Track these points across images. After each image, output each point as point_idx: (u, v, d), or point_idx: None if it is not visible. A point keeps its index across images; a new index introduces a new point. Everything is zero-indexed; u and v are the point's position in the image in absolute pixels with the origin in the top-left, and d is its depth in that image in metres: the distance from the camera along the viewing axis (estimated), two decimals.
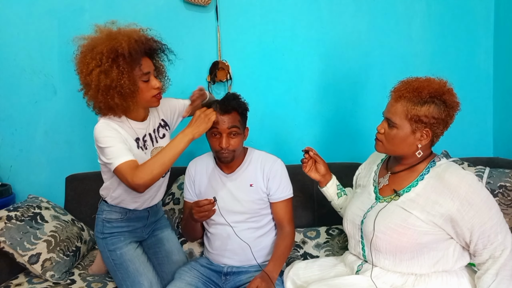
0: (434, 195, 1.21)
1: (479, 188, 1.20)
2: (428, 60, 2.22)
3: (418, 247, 1.22)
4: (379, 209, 1.30)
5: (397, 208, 1.27)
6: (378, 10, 2.17)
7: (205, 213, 1.39)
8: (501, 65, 2.18)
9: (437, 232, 1.21)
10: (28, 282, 1.61)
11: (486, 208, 1.17)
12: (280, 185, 1.59)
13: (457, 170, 1.24)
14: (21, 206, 1.75)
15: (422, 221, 1.21)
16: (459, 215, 1.17)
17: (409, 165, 1.32)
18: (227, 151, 1.50)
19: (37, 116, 2.10)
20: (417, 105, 1.23)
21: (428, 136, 1.25)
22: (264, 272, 1.46)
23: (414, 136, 1.26)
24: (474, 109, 2.25)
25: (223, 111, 1.49)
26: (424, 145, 1.27)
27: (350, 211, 1.43)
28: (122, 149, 1.36)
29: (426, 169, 1.29)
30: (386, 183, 1.37)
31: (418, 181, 1.28)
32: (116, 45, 1.32)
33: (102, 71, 1.32)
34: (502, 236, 1.17)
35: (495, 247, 1.16)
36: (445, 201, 1.19)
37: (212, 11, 2.08)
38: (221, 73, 2.07)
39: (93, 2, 2.05)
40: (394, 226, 1.24)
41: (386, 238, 1.25)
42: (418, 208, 1.23)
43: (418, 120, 1.23)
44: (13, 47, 2.05)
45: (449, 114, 1.25)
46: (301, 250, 1.82)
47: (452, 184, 1.19)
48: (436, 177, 1.24)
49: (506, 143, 2.19)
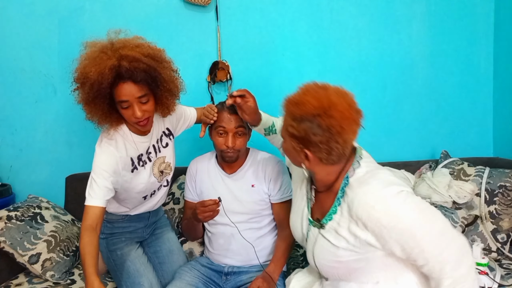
0: (353, 227, 1.06)
1: (401, 211, 1.01)
2: (428, 60, 2.22)
3: (360, 270, 1.11)
4: (313, 242, 1.19)
5: (325, 243, 1.14)
6: (378, 10, 2.16)
7: (209, 213, 1.39)
8: (501, 65, 2.18)
9: (370, 257, 1.08)
10: (28, 282, 1.61)
11: (409, 231, 1.00)
12: (282, 186, 1.59)
13: (366, 196, 1.04)
14: (21, 206, 1.75)
15: (350, 251, 1.08)
16: (382, 242, 1.03)
17: (324, 184, 1.15)
18: (232, 151, 1.51)
19: (37, 116, 2.10)
20: (294, 121, 1.06)
21: (308, 157, 1.08)
22: (266, 272, 1.46)
23: (297, 153, 1.10)
24: (474, 109, 2.26)
25: (231, 111, 1.49)
26: (314, 166, 1.10)
27: (292, 223, 1.32)
28: (100, 191, 1.31)
29: (341, 190, 1.11)
30: (313, 202, 1.24)
31: (336, 206, 1.12)
32: (87, 71, 1.23)
33: (83, 99, 1.29)
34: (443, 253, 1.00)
35: (432, 266, 1.01)
36: (363, 234, 1.05)
37: (212, 11, 2.08)
38: (221, 73, 2.07)
39: (93, 2, 2.04)
40: (328, 263, 1.16)
41: (326, 270, 1.19)
42: (343, 240, 1.09)
43: (294, 138, 1.08)
44: (13, 47, 2.04)
45: (331, 140, 1.03)
46: (301, 250, 1.82)
47: (360, 215, 1.03)
48: (347, 205, 1.08)
49: (506, 143, 2.19)
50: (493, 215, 1.76)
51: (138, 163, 1.45)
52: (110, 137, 1.38)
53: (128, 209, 1.57)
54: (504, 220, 1.75)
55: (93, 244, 1.25)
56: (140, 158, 1.46)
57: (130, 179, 1.44)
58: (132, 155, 1.43)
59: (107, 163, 1.34)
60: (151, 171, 1.50)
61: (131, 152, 1.42)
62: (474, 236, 1.77)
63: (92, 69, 1.22)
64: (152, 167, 1.51)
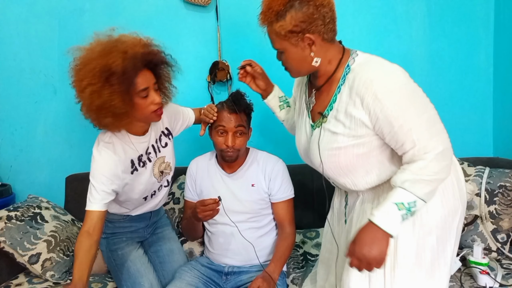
0: (350, 108, 1.11)
1: (398, 87, 1.07)
2: (428, 60, 2.21)
3: (361, 159, 1.15)
4: (317, 141, 1.20)
5: (327, 133, 1.18)
6: (378, 10, 2.16)
7: (209, 212, 1.39)
8: (501, 65, 2.18)
9: (366, 142, 1.13)
10: (28, 282, 1.61)
11: (401, 109, 1.05)
12: (282, 185, 1.59)
13: (368, 72, 1.09)
14: (21, 206, 1.75)
15: (347, 136, 1.13)
16: (373, 120, 1.07)
17: (326, 77, 1.19)
18: (232, 150, 1.51)
19: (37, 116, 2.10)
20: (279, 21, 1.11)
21: (312, 40, 1.12)
22: (266, 272, 1.46)
23: (301, 49, 1.14)
24: (474, 109, 2.25)
25: (231, 110, 1.49)
26: (320, 49, 1.14)
27: (298, 144, 1.35)
28: (98, 195, 1.32)
29: (342, 78, 1.15)
30: (314, 103, 1.26)
31: (337, 94, 1.16)
32: (110, 62, 1.21)
33: (95, 91, 1.22)
34: (428, 137, 1.05)
35: (418, 149, 1.05)
36: (358, 112, 1.09)
37: (212, 11, 2.08)
38: (221, 73, 2.07)
39: (93, 3, 2.04)
40: (329, 152, 1.17)
41: (329, 162, 1.19)
42: (340, 125, 1.14)
43: (291, 34, 1.11)
44: (13, 47, 2.05)
45: (317, 4, 1.10)
46: (300, 250, 1.82)
47: (360, 91, 1.07)
48: (348, 87, 1.12)
49: (506, 143, 2.19)
50: (493, 215, 1.76)
51: (138, 164, 1.45)
52: (108, 140, 1.37)
53: (129, 210, 1.57)
54: (504, 220, 1.75)
55: (85, 249, 1.27)
56: (140, 159, 1.46)
57: (131, 181, 1.44)
58: (131, 156, 1.42)
59: (105, 167, 1.34)
60: (152, 172, 1.50)
61: (130, 154, 1.42)
62: (474, 236, 1.77)
63: (113, 61, 1.21)
64: (153, 167, 1.51)
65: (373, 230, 1.07)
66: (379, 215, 1.07)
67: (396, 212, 1.05)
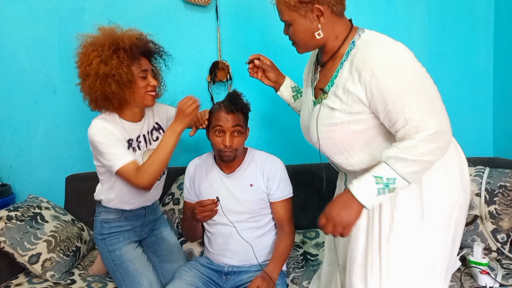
0: (348, 83, 1.10)
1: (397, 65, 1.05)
2: (428, 60, 2.21)
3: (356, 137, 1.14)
4: (316, 116, 1.20)
5: (325, 108, 1.17)
6: (378, 10, 2.16)
7: (208, 213, 1.39)
8: (501, 65, 2.18)
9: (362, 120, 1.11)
10: (28, 282, 1.61)
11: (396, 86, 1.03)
12: (280, 185, 1.59)
13: (370, 48, 1.08)
14: (21, 206, 1.75)
15: (344, 113, 1.12)
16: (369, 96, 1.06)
17: (331, 52, 1.18)
18: (230, 150, 1.51)
19: (37, 116, 2.10)
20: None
21: (321, 11, 1.11)
22: (265, 272, 1.46)
23: (310, 21, 1.13)
24: (474, 109, 2.25)
25: (228, 110, 1.49)
26: (328, 22, 1.13)
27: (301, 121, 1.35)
28: (120, 151, 1.42)
29: (346, 54, 1.14)
30: (318, 79, 1.26)
31: (339, 70, 1.15)
32: (118, 39, 1.40)
33: (102, 60, 1.38)
34: (422, 117, 1.03)
35: (409, 128, 1.03)
36: (355, 88, 1.08)
37: (212, 11, 2.08)
38: (221, 73, 2.07)
39: (93, 2, 2.04)
40: (326, 127, 1.17)
41: (325, 138, 1.19)
42: (338, 100, 1.13)
43: (300, 4, 1.11)
44: (13, 47, 2.05)
45: None
46: (300, 250, 1.82)
47: (359, 66, 1.06)
48: (349, 62, 1.11)
49: (506, 143, 2.19)
50: (493, 215, 1.76)
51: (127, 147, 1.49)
52: (103, 117, 1.48)
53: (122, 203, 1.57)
54: (504, 220, 1.75)
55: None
56: (130, 143, 1.50)
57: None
58: (124, 137, 1.49)
59: (108, 129, 1.44)
60: (141, 161, 1.51)
61: (123, 134, 1.49)
62: (474, 236, 1.77)
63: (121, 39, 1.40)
64: (142, 156, 1.53)
65: (348, 197, 1.09)
66: (356, 184, 1.08)
67: (373, 184, 1.06)
